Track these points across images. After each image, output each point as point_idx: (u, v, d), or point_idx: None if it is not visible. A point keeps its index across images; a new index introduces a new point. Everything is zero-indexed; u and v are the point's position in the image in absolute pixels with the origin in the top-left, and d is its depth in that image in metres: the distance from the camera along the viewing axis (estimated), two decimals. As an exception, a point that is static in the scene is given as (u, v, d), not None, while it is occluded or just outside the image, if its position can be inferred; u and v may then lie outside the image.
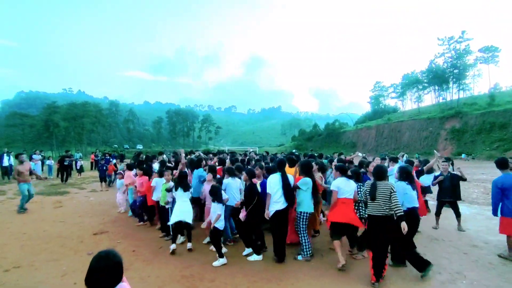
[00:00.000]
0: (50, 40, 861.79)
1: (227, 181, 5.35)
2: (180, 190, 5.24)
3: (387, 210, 3.94)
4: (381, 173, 4.11)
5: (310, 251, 4.82)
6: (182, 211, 5.10)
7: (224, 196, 4.89)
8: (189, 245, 5.21)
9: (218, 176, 6.20)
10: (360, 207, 5.07)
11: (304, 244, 4.77)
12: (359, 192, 4.80)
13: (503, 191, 4.90)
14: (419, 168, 6.96)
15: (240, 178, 5.55)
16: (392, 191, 3.93)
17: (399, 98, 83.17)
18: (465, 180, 6.70)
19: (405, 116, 65.64)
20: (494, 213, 5.09)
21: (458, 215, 6.54)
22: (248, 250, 4.97)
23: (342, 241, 4.68)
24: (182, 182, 5.31)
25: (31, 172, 8.39)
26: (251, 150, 23.30)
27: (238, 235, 5.68)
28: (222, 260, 4.56)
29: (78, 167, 17.81)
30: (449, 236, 6.10)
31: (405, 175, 4.65)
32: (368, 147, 64.43)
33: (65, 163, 15.19)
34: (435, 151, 7.37)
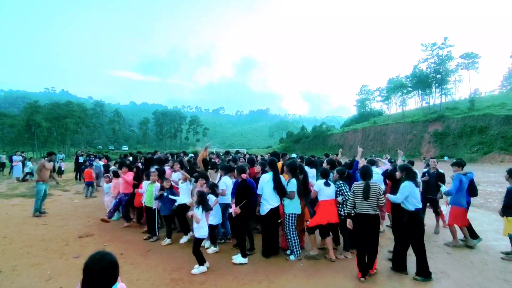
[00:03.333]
0: (33, 36, 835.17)
1: (225, 179, 5.42)
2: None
3: (376, 209, 4.12)
4: (368, 173, 4.28)
5: (300, 250, 4.92)
6: None
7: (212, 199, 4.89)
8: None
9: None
10: (341, 206, 5.09)
11: (293, 244, 4.85)
12: (340, 191, 4.95)
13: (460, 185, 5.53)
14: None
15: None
16: (380, 192, 4.12)
17: (384, 102, 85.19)
18: None
19: (390, 120, 67.13)
20: (447, 193, 5.61)
21: (437, 213, 6.70)
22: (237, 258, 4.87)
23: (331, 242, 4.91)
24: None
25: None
26: (244, 151, 23.38)
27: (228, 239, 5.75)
28: (203, 268, 4.33)
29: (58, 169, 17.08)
30: (434, 237, 6.29)
31: (405, 172, 4.47)
32: (354, 149, 65.49)
33: (79, 161, 15.65)
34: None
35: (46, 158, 8.35)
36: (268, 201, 4.87)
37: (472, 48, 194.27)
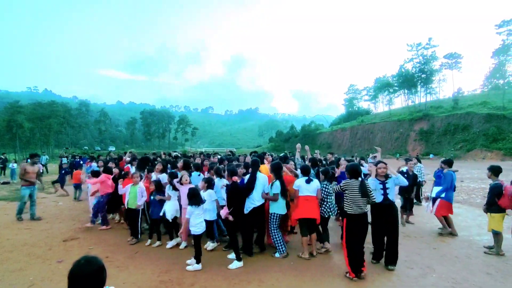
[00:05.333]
0: (15, 34, 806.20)
1: (216, 181, 5.36)
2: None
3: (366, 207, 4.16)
4: (358, 171, 4.26)
5: (285, 248, 4.97)
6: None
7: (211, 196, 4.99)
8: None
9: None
10: (325, 205, 5.17)
11: (277, 242, 4.94)
12: (324, 190, 5.06)
13: (451, 182, 6.12)
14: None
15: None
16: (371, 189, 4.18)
17: (371, 101, 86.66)
18: None
19: (377, 118, 68.33)
20: (440, 193, 6.15)
21: (411, 208, 7.19)
22: (233, 255, 4.79)
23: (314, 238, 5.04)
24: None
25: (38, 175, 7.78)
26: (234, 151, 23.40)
27: (224, 236, 5.71)
28: (197, 266, 4.42)
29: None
30: (421, 233, 6.42)
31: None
32: (343, 148, 66.31)
33: (63, 162, 15.04)
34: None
35: (28, 161, 7.88)
36: (253, 200, 4.92)
37: (455, 48, 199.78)
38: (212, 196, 4.98)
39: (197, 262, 4.44)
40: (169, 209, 5.48)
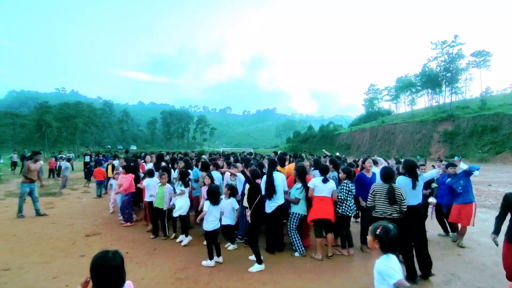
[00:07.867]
0: (44, 38, 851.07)
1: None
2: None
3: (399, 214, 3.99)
4: (391, 175, 4.11)
5: (303, 247, 5.02)
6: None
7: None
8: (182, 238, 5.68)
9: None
10: (343, 205, 5.00)
11: (295, 242, 5.00)
12: (344, 189, 4.95)
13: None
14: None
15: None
16: (402, 196, 3.96)
17: (393, 101, 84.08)
18: None
19: (398, 119, 66.19)
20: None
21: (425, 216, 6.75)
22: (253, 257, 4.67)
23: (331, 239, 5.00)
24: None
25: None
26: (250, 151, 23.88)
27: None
28: (210, 262, 4.51)
29: (57, 168, 16.14)
30: (442, 238, 6.15)
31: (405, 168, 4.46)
32: (362, 149, 64.77)
33: (86, 160, 15.65)
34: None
35: (32, 159, 7.71)
36: (276, 198, 4.97)
37: (484, 46, 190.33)
38: (235, 206, 5.01)
39: (210, 259, 4.52)
40: (180, 205, 5.63)
